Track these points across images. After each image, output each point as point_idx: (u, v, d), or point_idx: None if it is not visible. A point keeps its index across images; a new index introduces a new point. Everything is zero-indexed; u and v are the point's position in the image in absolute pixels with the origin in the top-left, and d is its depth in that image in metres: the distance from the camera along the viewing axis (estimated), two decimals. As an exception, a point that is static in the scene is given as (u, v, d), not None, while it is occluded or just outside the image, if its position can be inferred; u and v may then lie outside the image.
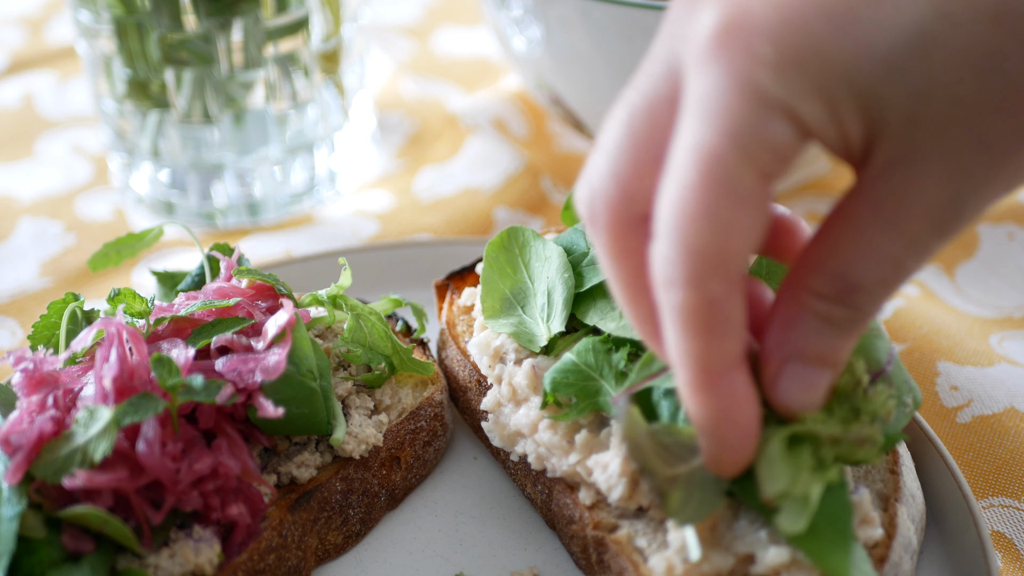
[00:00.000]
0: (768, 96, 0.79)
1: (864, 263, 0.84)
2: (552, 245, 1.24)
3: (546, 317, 1.20)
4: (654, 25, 1.44)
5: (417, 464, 1.25)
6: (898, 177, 0.82)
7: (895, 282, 0.85)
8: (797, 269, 0.88)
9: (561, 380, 1.12)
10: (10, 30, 2.23)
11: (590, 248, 1.23)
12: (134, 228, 1.72)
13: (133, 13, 1.54)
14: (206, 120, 1.61)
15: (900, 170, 0.81)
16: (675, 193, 0.82)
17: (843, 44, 0.78)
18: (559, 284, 1.21)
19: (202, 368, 1.12)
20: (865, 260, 0.84)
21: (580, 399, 1.11)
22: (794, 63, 0.79)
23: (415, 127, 1.91)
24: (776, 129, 0.80)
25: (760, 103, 0.79)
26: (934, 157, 0.80)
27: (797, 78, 0.79)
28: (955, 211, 0.82)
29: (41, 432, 1.04)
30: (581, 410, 1.11)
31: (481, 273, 1.26)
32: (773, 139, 0.80)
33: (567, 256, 1.23)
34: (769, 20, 0.79)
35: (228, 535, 1.10)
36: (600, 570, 1.10)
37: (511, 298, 1.24)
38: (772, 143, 0.80)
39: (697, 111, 0.81)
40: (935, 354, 1.42)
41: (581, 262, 1.22)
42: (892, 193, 0.82)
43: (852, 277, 0.84)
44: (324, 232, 1.68)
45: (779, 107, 0.79)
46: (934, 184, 0.81)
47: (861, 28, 0.78)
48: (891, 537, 1.04)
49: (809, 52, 0.78)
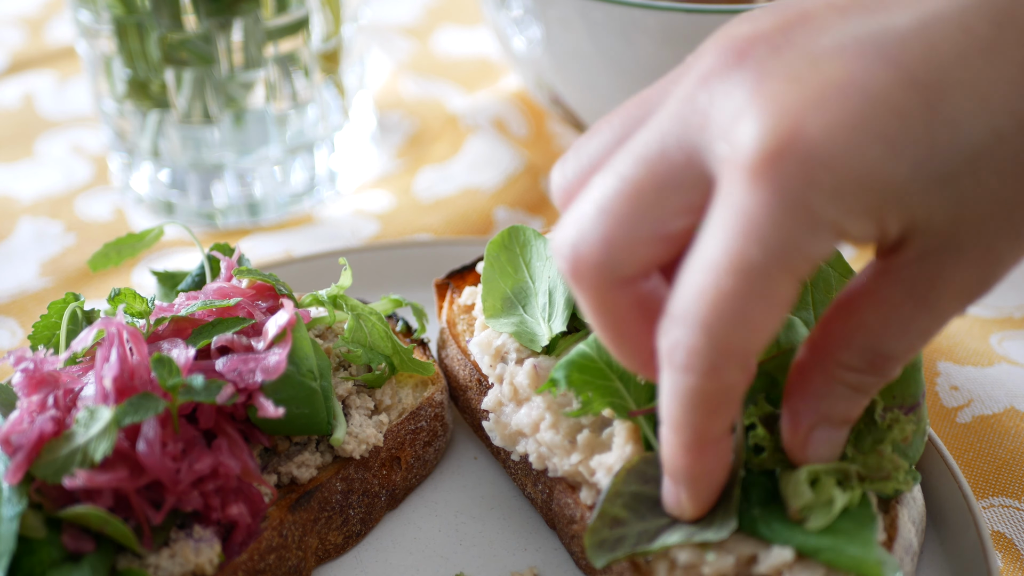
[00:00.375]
0: (820, 218, 0.81)
1: (896, 339, 0.89)
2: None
3: (547, 317, 1.20)
4: (654, 25, 1.44)
5: (417, 464, 1.25)
6: (933, 264, 0.85)
7: (921, 348, 0.90)
8: (825, 344, 0.93)
9: (578, 375, 1.09)
10: (10, 30, 2.23)
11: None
12: (134, 228, 1.72)
13: (133, 13, 1.54)
14: (206, 120, 1.61)
15: (935, 257, 0.85)
16: (708, 293, 0.83)
17: (898, 166, 0.80)
18: (560, 283, 1.21)
19: (202, 368, 1.12)
20: (897, 336, 0.89)
21: (596, 397, 1.09)
22: (850, 188, 0.80)
23: (415, 127, 1.91)
24: (821, 245, 0.82)
25: (811, 224, 0.81)
26: (970, 247, 0.84)
27: (851, 201, 0.81)
28: (984, 288, 0.87)
29: (41, 432, 1.04)
30: (595, 409, 1.09)
31: (482, 272, 1.26)
32: (816, 253, 0.82)
33: None
34: (825, 144, 0.80)
35: (228, 535, 1.10)
36: (601, 570, 1.10)
37: (512, 297, 1.24)
38: (814, 256, 0.83)
39: (740, 225, 0.82)
40: (935, 354, 1.42)
41: None
42: (927, 277, 0.86)
43: (883, 351, 0.90)
44: (324, 232, 1.68)
45: (829, 226, 0.82)
46: (969, 268, 0.86)
47: (916, 150, 0.81)
48: (892, 539, 1.04)
49: (865, 176, 0.80)
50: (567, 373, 1.09)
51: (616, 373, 1.08)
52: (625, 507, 1.03)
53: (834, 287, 1.18)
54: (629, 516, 1.02)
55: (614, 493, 1.04)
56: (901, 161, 0.80)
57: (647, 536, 1.01)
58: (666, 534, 1.00)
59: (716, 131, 0.84)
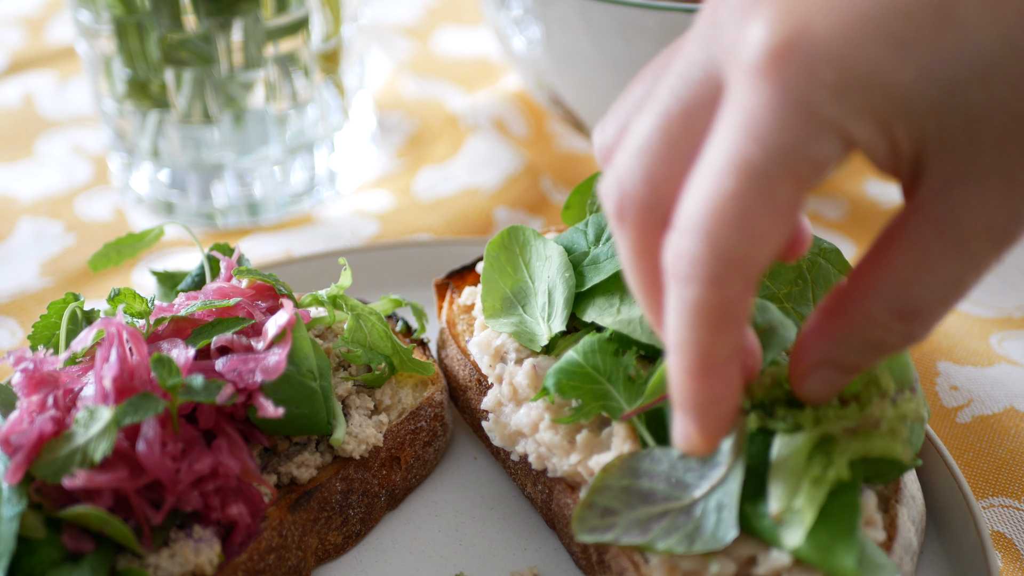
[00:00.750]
0: (823, 117, 0.79)
1: (926, 285, 0.85)
2: (553, 244, 1.24)
3: (547, 316, 1.20)
4: (654, 25, 1.44)
5: (417, 464, 1.25)
6: (958, 196, 0.82)
7: (954, 301, 0.86)
8: (853, 291, 0.89)
9: (566, 381, 1.10)
10: (10, 30, 2.23)
11: (591, 247, 1.23)
12: (134, 228, 1.72)
13: (133, 13, 1.54)
14: (206, 120, 1.61)
15: (959, 188, 0.82)
16: (709, 198, 0.82)
17: (904, 68, 0.78)
18: (560, 283, 1.21)
19: (202, 368, 1.12)
20: (927, 282, 0.85)
21: (586, 402, 1.10)
22: (853, 86, 0.78)
23: (415, 127, 1.91)
24: (825, 147, 0.80)
25: (813, 123, 0.79)
26: (993, 173, 0.81)
27: (854, 100, 0.79)
28: (1016, 226, 0.83)
29: (41, 432, 1.04)
30: (587, 413, 1.10)
31: (481, 272, 1.26)
32: (819, 156, 0.80)
33: (567, 255, 1.23)
34: (830, 41, 0.78)
35: (228, 535, 1.10)
36: (601, 570, 1.10)
37: (512, 297, 1.24)
38: (817, 159, 0.80)
39: (743, 124, 0.80)
40: (935, 354, 1.42)
41: (582, 261, 1.22)
42: (952, 212, 0.82)
43: (912, 300, 0.85)
44: (324, 232, 1.68)
45: (832, 127, 0.80)
46: (994, 200, 0.82)
47: (923, 52, 0.78)
48: (892, 539, 1.04)
49: (869, 75, 0.78)
50: (557, 380, 1.10)
51: (605, 376, 1.09)
52: (616, 499, 1.03)
53: (833, 281, 1.18)
54: (621, 507, 1.02)
55: (603, 485, 1.04)
56: (907, 63, 0.78)
57: (638, 525, 1.01)
58: (659, 526, 1.00)
59: (728, 40, 0.83)
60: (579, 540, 1.02)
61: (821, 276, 1.19)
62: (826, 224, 1.69)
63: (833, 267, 1.19)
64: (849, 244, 1.64)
